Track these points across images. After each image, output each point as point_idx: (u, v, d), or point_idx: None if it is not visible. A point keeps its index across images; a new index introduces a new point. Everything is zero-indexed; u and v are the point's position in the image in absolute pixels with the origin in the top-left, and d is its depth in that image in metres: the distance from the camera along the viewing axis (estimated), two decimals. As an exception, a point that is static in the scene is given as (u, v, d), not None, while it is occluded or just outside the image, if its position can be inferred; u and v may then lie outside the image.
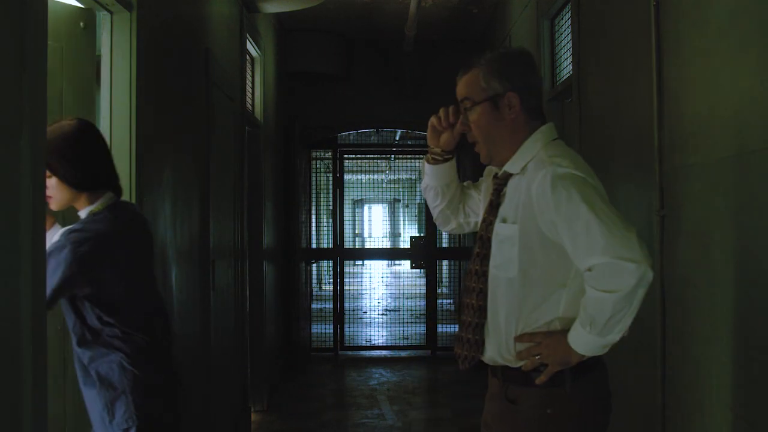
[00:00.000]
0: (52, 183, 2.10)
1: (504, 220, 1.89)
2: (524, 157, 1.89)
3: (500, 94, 1.87)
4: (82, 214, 2.18)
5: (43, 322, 1.85)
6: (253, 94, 5.39)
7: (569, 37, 3.90)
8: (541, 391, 1.85)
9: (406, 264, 8.57)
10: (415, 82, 7.15)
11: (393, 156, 9.42)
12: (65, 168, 2.11)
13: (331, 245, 7.99)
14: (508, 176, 1.94)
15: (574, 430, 1.86)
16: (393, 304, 10.62)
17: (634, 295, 1.71)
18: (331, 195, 7.92)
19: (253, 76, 5.41)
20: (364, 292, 10.21)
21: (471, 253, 2.02)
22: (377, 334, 8.67)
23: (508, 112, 1.89)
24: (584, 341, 1.78)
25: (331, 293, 7.70)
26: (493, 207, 1.94)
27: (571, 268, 1.82)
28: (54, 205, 2.17)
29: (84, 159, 2.14)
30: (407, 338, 8.01)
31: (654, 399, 2.64)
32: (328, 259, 9.03)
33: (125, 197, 2.61)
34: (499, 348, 1.91)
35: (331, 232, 8.03)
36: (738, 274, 2.06)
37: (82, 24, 2.53)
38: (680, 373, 2.47)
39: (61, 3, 2.53)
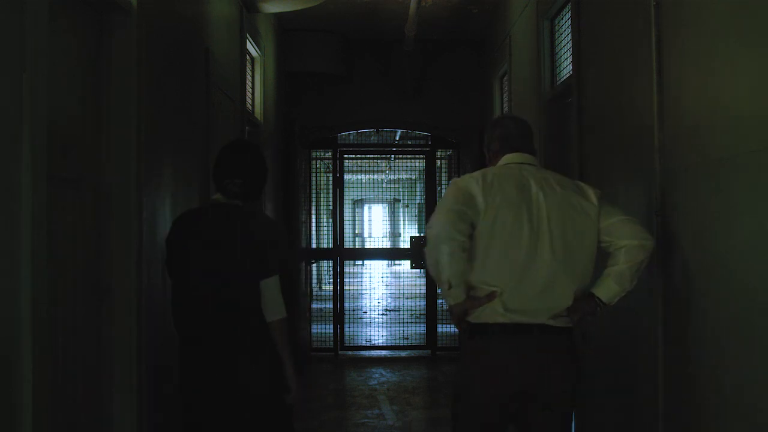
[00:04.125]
0: None
1: None
2: None
3: (485, 143, 2.78)
4: None
5: (43, 322, 1.86)
6: (253, 94, 5.39)
7: (569, 37, 3.90)
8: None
9: (406, 264, 8.57)
10: (415, 82, 7.14)
11: (393, 156, 9.41)
12: None
13: (331, 245, 7.98)
14: None
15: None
16: (393, 304, 10.61)
17: None
18: (331, 195, 7.91)
19: (253, 76, 5.41)
20: (364, 292, 10.21)
21: None
22: (377, 334, 8.66)
23: (488, 154, 2.76)
24: None
25: (331, 293, 7.69)
26: None
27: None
28: None
29: None
30: (407, 338, 8.00)
31: (655, 398, 2.64)
32: (328, 259, 9.03)
33: (125, 196, 2.63)
34: None
35: (331, 232, 8.02)
36: (738, 274, 2.06)
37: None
38: (681, 373, 2.47)
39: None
